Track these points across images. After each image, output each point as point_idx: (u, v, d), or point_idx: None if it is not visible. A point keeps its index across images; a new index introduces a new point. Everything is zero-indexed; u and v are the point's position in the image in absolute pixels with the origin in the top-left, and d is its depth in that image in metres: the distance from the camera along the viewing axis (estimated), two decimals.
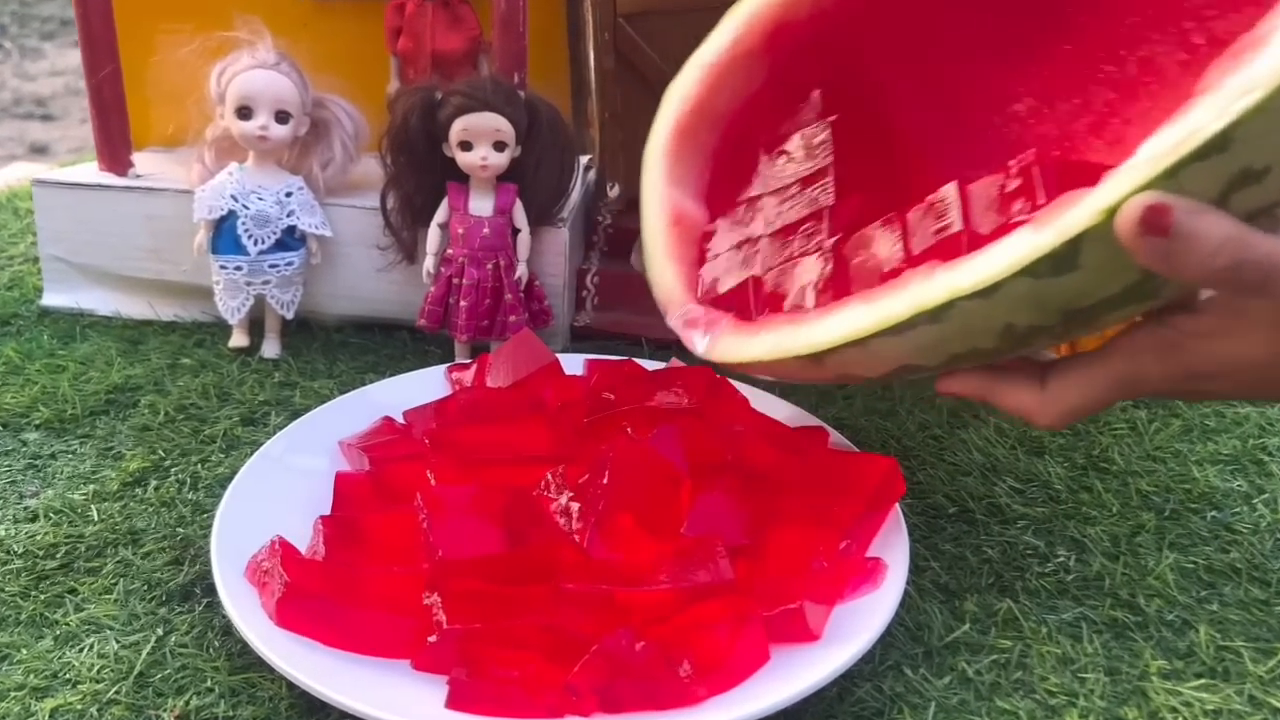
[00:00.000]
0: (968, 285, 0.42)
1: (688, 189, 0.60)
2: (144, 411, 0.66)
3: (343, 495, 0.54)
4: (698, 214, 0.60)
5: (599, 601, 0.46)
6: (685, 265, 0.59)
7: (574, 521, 0.51)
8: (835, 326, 0.47)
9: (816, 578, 0.49)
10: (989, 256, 0.42)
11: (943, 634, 0.49)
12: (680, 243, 0.59)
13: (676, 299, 0.57)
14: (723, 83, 0.60)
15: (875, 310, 0.45)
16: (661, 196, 0.59)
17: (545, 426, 0.59)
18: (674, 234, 0.59)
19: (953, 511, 0.58)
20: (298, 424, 0.61)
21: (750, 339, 0.52)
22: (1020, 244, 0.40)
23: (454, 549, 0.48)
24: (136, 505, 0.57)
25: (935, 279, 0.43)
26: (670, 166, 0.60)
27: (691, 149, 0.60)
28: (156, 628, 0.49)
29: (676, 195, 0.59)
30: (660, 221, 0.59)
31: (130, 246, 0.77)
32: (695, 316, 0.56)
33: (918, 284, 0.44)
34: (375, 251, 0.73)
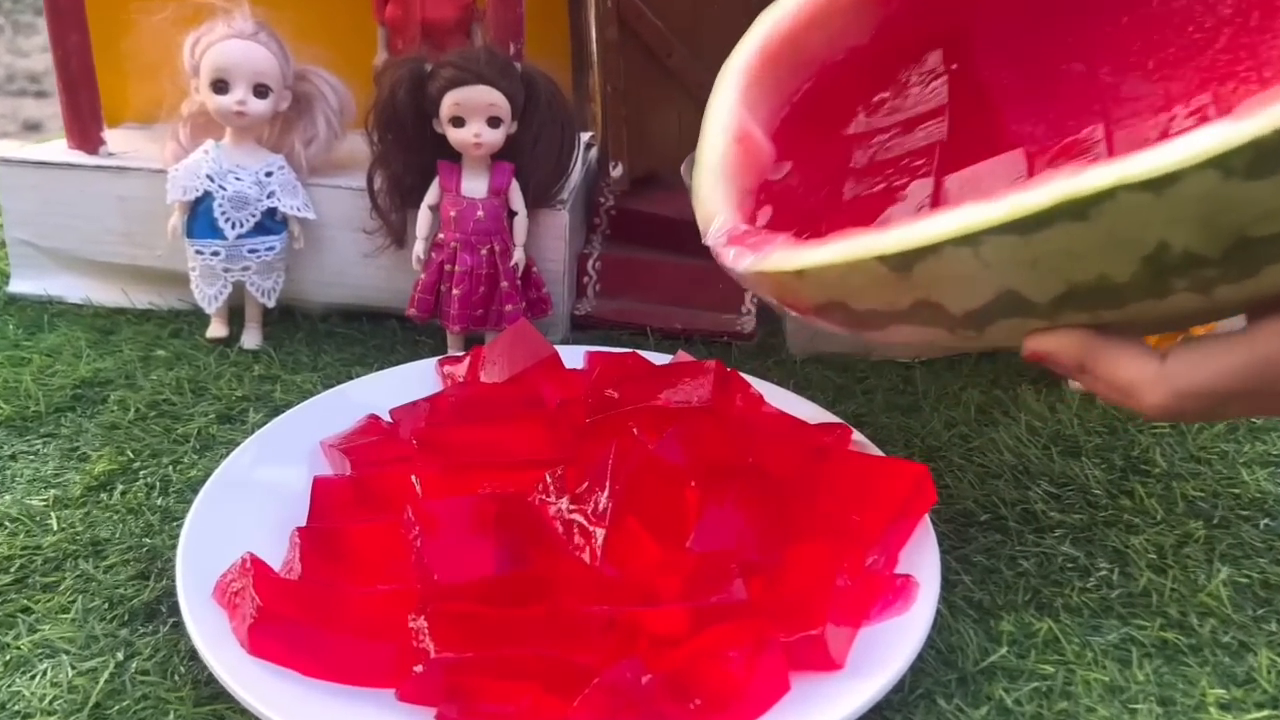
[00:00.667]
0: (1139, 172, 0.33)
1: (760, 117, 0.54)
2: (113, 408, 0.61)
3: (322, 503, 0.50)
4: (766, 146, 0.54)
5: (603, 625, 0.42)
6: (738, 189, 0.52)
7: (575, 534, 0.47)
8: (942, 222, 0.37)
9: (840, 597, 0.44)
10: (1169, 147, 0.33)
11: (978, 658, 0.45)
12: (740, 164, 0.52)
13: (723, 214, 0.50)
14: (823, 20, 0.54)
15: (1002, 205, 0.36)
16: (731, 111, 0.53)
17: (543, 427, 0.55)
18: (736, 151, 0.52)
19: (984, 519, 0.54)
20: (277, 423, 0.56)
21: (813, 247, 0.43)
22: (1214, 133, 0.32)
23: (444, 567, 0.44)
24: (100, 512, 0.53)
25: (1089, 172, 0.35)
26: (747, 87, 0.54)
27: (773, 82, 0.55)
28: (116, 651, 0.45)
29: (748, 118, 0.53)
30: (725, 136, 0.52)
31: (101, 229, 0.72)
32: (740, 233, 0.48)
33: (1064, 177, 0.35)
34: (362, 235, 0.69)
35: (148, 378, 0.65)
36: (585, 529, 0.47)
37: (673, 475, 0.49)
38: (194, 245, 0.67)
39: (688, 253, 0.74)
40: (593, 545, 0.46)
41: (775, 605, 0.44)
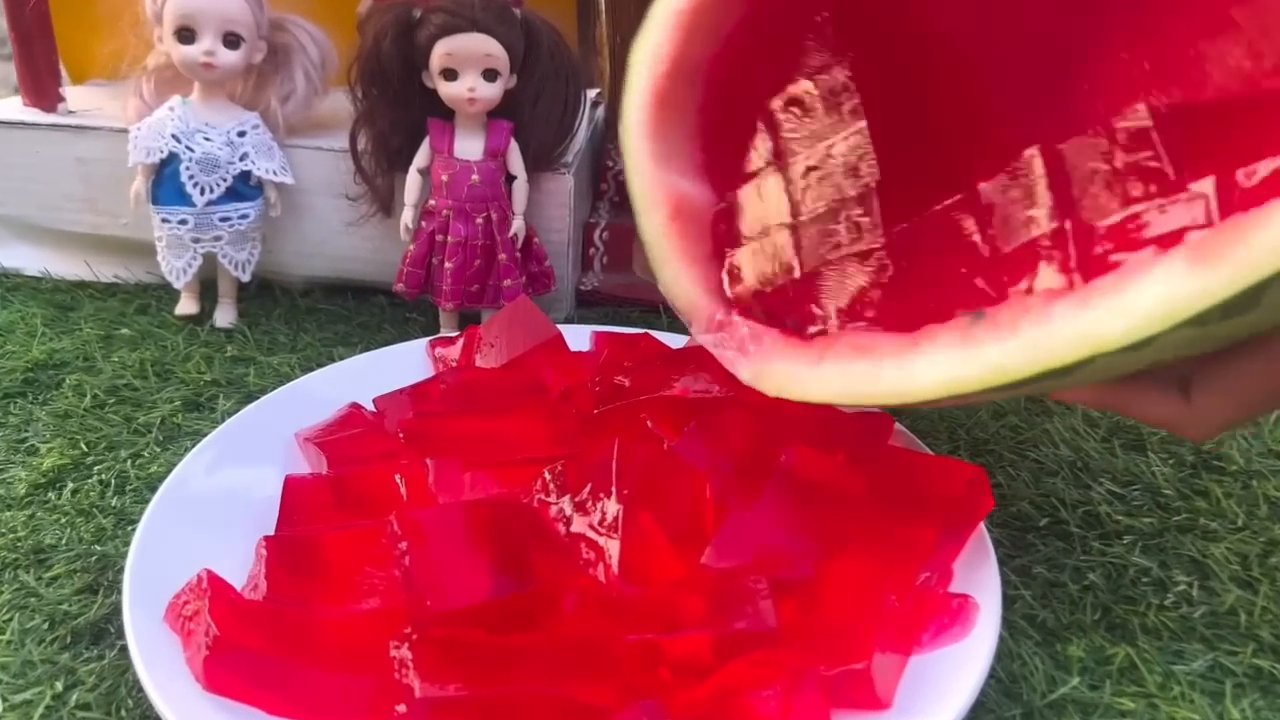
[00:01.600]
0: (1113, 340, 0.32)
1: (681, 166, 0.47)
2: (68, 394, 0.55)
3: (293, 506, 0.44)
4: (700, 195, 0.47)
5: (618, 656, 0.36)
6: (701, 264, 0.46)
7: (583, 546, 0.41)
8: (927, 376, 0.37)
9: (887, 621, 0.38)
10: (1135, 297, 0.32)
11: (1045, 689, 0.39)
12: (688, 237, 0.46)
13: (701, 309, 0.46)
14: (698, 26, 0.46)
15: (981, 361, 0.35)
16: (653, 184, 0.47)
17: (545, 418, 0.49)
18: (677, 229, 0.46)
19: (1043, 524, 0.48)
20: (248, 412, 0.50)
21: (811, 370, 0.41)
22: (1178, 286, 0.31)
23: (433, 586, 0.38)
24: (46, 514, 0.47)
25: (1058, 321, 0.34)
26: (654, 146, 0.47)
27: (675, 117, 0.47)
28: (55, 680, 0.39)
29: (670, 179, 0.47)
30: (658, 216, 0.46)
31: (60, 195, 0.66)
32: (729, 333, 0.44)
33: (1035, 327, 0.35)
34: (345, 202, 0.63)
35: (108, 360, 0.58)
36: (594, 541, 0.41)
37: (693, 476, 0.43)
38: (159, 213, 0.61)
39: None
40: (606, 560, 0.40)
41: (813, 631, 0.38)
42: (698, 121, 0.47)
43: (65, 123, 0.65)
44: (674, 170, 0.47)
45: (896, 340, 0.39)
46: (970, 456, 0.52)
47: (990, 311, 0.36)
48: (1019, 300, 0.36)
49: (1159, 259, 0.32)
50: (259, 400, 0.51)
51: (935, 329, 0.37)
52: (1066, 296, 0.34)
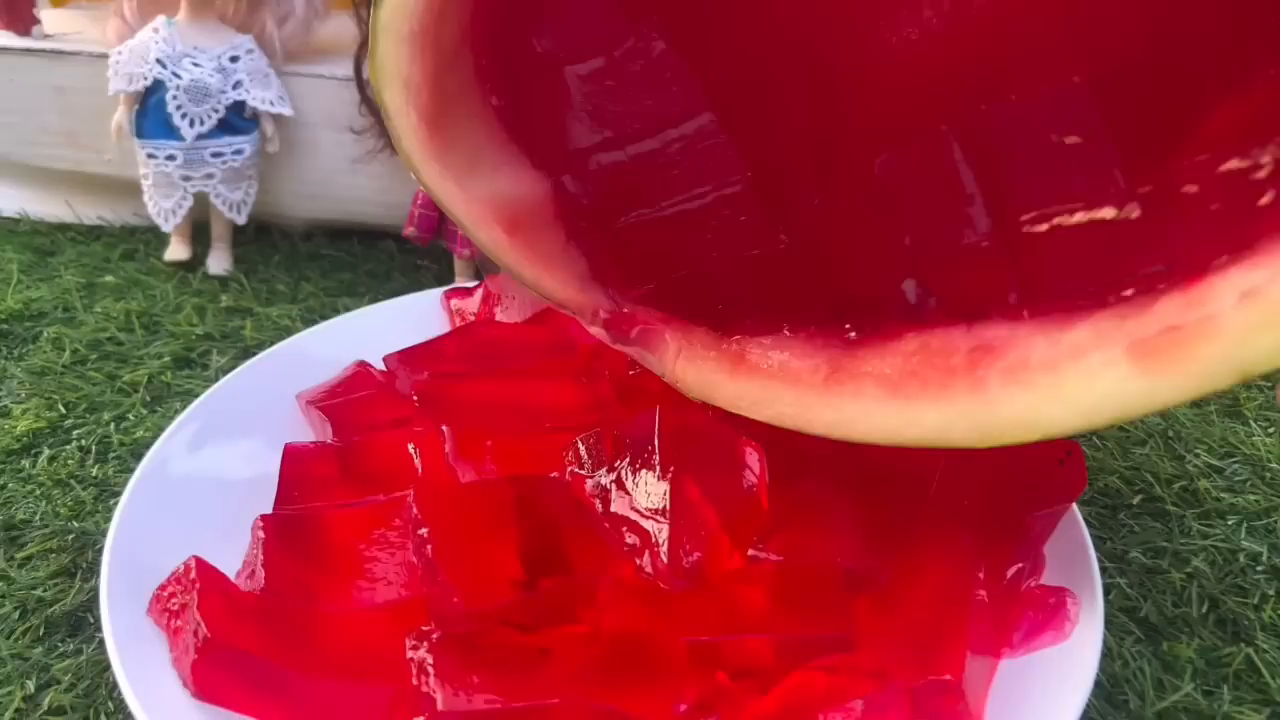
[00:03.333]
0: (1057, 428, 0.30)
1: (487, 167, 0.39)
2: (45, 348, 0.50)
3: (294, 479, 0.39)
4: (525, 187, 0.40)
5: (670, 661, 0.31)
6: (559, 258, 0.40)
7: (626, 531, 0.36)
8: (861, 427, 0.34)
9: (976, 621, 0.33)
10: (1077, 389, 0.30)
11: (1155, 697, 0.35)
12: (534, 240, 0.40)
13: (580, 305, 0.40)
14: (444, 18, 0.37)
15: (918, 423, 0.33)
16: (468, 204, 0.39)
17: (575, 380, 0.43)
18: (519, 241, 0.40)
19: (1136, 501, 0.43)
20: (244, 370, 0.45)
21: (730, 382, 0.37)
22: (1124, 387, 0.29)
23: (462, 580, 0.33)
24: (19, 485, 0.42)
25: (995, 396, 0.31)
26: (446, 161, 0.39)
27: (456, 120, 0.39)
28: (27, 678, 0.34)
29: (484, 190, 0.39)
30: (493, 233, 0.39)
31: (37, 128, 0.60)
32: (622, 326, 0.39)
33: (970, 398, 0.32)
34: (349, 136, 0.57)
35: (90, 310, 0.53)
36: (637, 524, 0.35)
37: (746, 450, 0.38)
38: (145, 147, 0.55)
39: None
40: (652, 547, 0.35)
41: (890, 634, 0.33)
42: (483, 109, 0.39)
43: (41, 47, 0.59)
44: (484, 175, 0.39)
45: (815, 370, 0.35)
46: None
47: (909, 351, 0.33)
48: (939, 346, 0.33)
49: (1096, 341, 0.29)
50: (256, 357, 0.46)
51: (852, 364, 0.34)
52: (994, 361, 0.32)
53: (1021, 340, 0.31)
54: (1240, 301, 0.26)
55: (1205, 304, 0.27)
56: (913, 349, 0.33)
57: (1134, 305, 0.29)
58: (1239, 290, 0.26)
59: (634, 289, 0.39)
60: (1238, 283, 0.26)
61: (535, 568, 0.34)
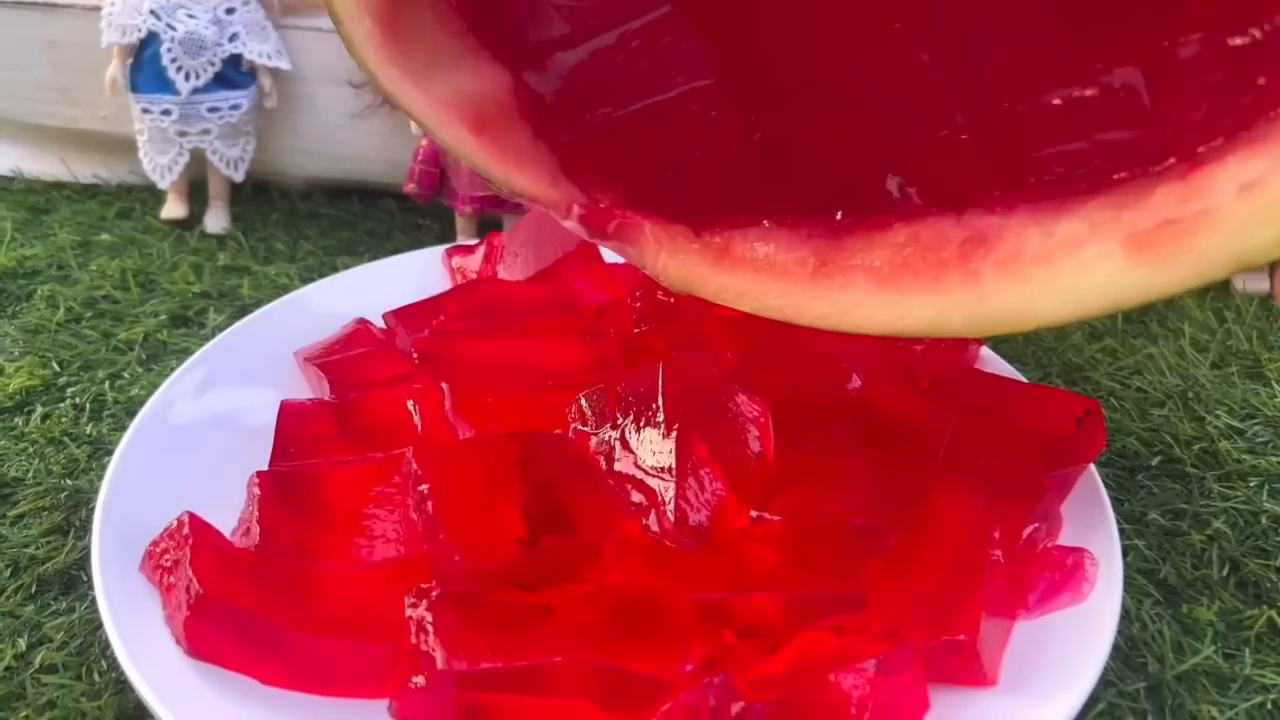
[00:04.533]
0: (1051, 319, 0.30)
1: (447, 62, 0.37)
2: (39, 306, 0.49)
3: (290, 435, 0.38)
4: (486, 81, 0.38)
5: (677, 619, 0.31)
6: (529, 155, 0.38)
7: (630, 487, 0.35)
8: (852, 319, 0.33)
9: (991, 580, 0.32)
10: (1072, 279, 0.29)
11: (1174, 660, 0.34)
12: (501, 138, 0.38)
13: (554, 201, 0.38)
14: None
15: (910, 314, 0.32)
16: (429, 106, 0.37)
17: (579, 338, 0.42)
18: (487, 139, 0.38)
19: (1154, 463, 0.42)
20: (240, 327, 0.44)
21: (714, 275, 0.36)
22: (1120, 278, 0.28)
23: (464, 538, 0.32)
24: (12, 443, 0.41)
25: (988, 288, 0.31)
26: (403, 61, 0.37)
27: (410, 18, 0.37)
28: (18, 636, 0.34)
29: (445, 88, 0.37)
30: (457, 134, 0.38)
31: (31, 83, 0.59)
32: (599, 220, 0.38)
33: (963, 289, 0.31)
34: (348, 90, 0.55)
35: (85, 269, 0.52)
36: (642, 482, 0.35)
37: (753, 407, 0.37)
38: (139, 102, 0.54)
39: None
40: (659, 504, 0.34)
41: (902, 593, 0.32)
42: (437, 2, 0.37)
43: (33, 0, 0.58)
44: (443, 74, 0.37)
45: (802, 262, 0.34)
46: (1064, 385, 0.46)
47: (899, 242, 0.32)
48: (930, 238, 0.32)
49: (1091, 235, 0.29)
50: (253, 314, 0.45)
51: (840, 256, 0.33)
52: (987, 253, 0.31)
53: (1014, 232, 0.30)
54: (1240, 193, 0.25)
55: (1204, 196, 0.26)
56: (902, 240, 0.32)
57: (1130, 194, 0.28)
58: (1239, 182, 0.25)
59: (606, 187, 0.38)
60: (1237, 174, 0.25)
61: (538, 526, 0.33)
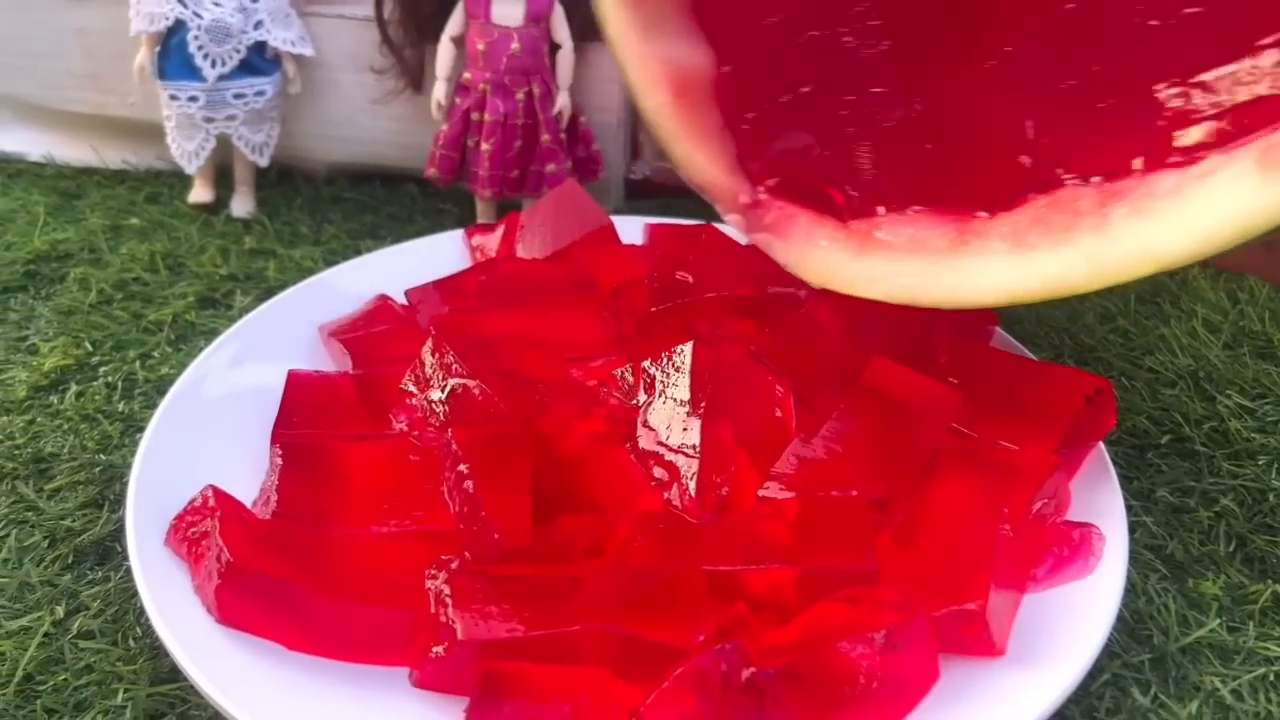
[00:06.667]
0: (1175, 258, 0.30)
1: (670, 29, 0.41)
2: (72, 288, 0.50)
3: (295, 405, 0.39)
4: (698, 60, 0.42)
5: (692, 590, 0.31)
6: (713, 138, 0.42)
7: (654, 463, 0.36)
8: (981, 284, 0.35)
9: (1001, 553, 0.33)
10: (1198, 211, 0.29)
11: (1179, 632, 0.34)
12: (694, 112, 0.42)
13: (722, 187, 0.42)
14: None
15: (1037, 271, 0.33)
16: (643, 60, 0.41)
17: (596, 315, 0.43)
18: (681, 107, 0.41)
19: (1164, 441, 0.42)
20: (268, 307, 0.45)
21: (853, 261, 0.38)
22: (1248, 200, 0.28)
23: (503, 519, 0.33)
24: (48, 420, 0.43)
25: (1116, 232, 0.31)
26: (634, 14, 0.42)
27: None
28: (56, 604, 0.35)
29: (661, 50, 0.41)
30: (658, 96, 0.41)
31: (61, 71, 0.60)
32: (759, 213, 0.41)
33: (1091, 237, 0.32)
34: (370, 77, 0.56)
35: (116, 252, 0.53)
36: (664, 458, 0.35)
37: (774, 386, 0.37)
38: (167, 89, 0.55)
39: None
40: (681, 481, 0.34)
41: (913, 566, 0.33)
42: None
43: None
44: (663, 38, 0.41)
45: (943, 234, 0.36)
46: (1076, 364, 0.46)
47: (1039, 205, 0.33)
48: (1069, 197, 0.33)
49: (1226, 161, 0.29)
50: (279, 295, 0.46)
51: (982, 227, 0.34)
52: (1122, 200, 0.31)
53: (1152, 181, 0.31)
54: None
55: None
56: (1043, 203, 0.34)
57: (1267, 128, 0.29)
58: None
59: (773, 181, 0.41)
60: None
61: (560, 502, 0.34)
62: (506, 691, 0.30)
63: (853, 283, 0.38)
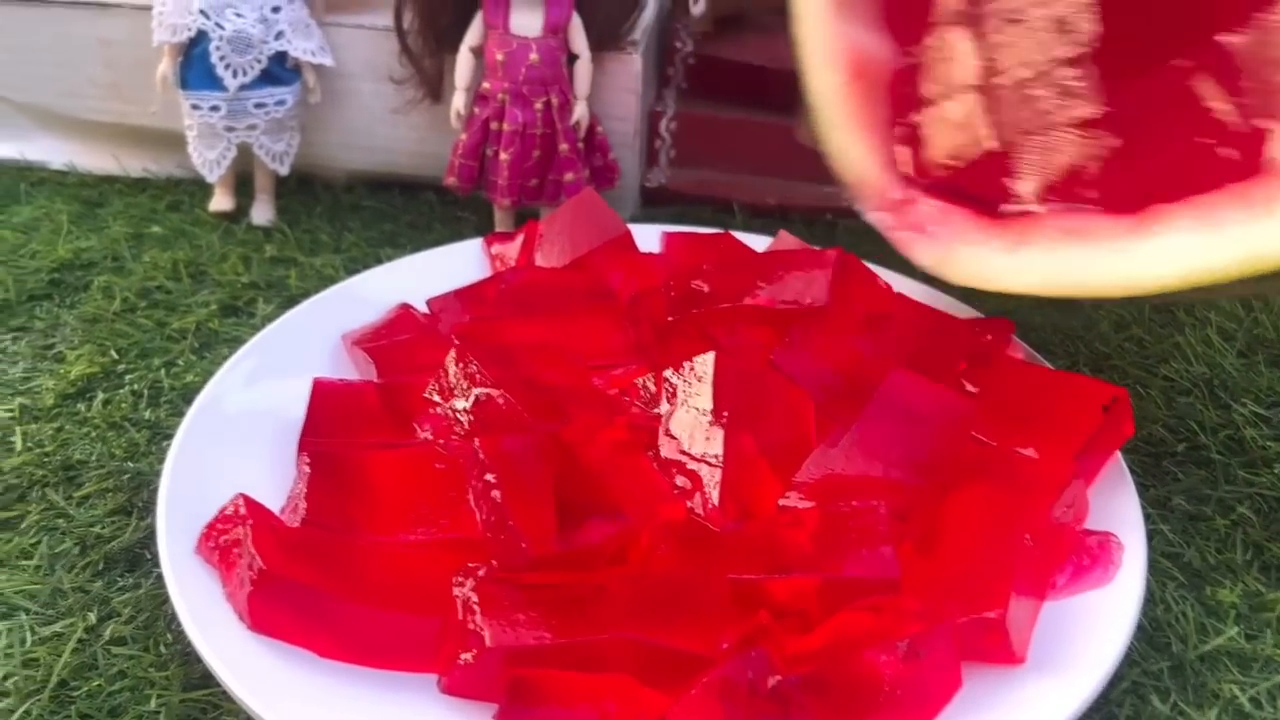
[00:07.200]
0: None
1: (862, 15, 0.42)
2: (96, 296, 0.51)
3: (322, 413, 0.39)
4: (881, 51, 0.42)
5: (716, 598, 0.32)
6: (877, 132, 0.42)
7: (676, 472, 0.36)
8: (1162, 263, 0.32)
9: (1020, 563, 0.33)
10: None
11: (1198, 641, 0.35)
12: (866, 100, 0.42)
13: (873, 182, 0.41)
14: None
15: (1230, 245, 0.31)
16: (831, 36, 0.41)
17: (615, 324, 0.44)
18: (856, 91, 0.41)
19: (1180, 449, 0.42)
20: (291, 316, 0.46)
21: (1007, 257, 0.36)
22: None
23: (530, 527, 0.33)
24: (75, 427, 0.43)
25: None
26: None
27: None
28: (88, 610, 0.35)
29: (851, 31, 0.41)
30: (835, 75, 0.41)
31: (83, 80, 0.61)
32: (906, 211, 0.40)
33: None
34: (390, 86, 0.57)
35: (139, 260, 0.54)
36: (686, 466, 0.36)
37: (795, 395, 0.38)
38: (189, 98, 0.55)
39: (781, 110, 0.61)
40: (704, 490, 0.35)
41: (933, 575, 0.33)
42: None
43: (86, 0, 0.59)
44: (855, 20, 0.41)
45: (1117, 222, 0.34)
46: (1091, 372, 0.46)
47: (1235, 188, 0.31)
48: (1273, 172, 0.31)
49: None
50: (302, 304, 0.47)
51: (1165, 208, 0.32)
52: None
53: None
54: None
55: None
56: (1239, 186, 0.32)
57: None
58: None
59: (927, 180, 0.41)
60: None
61: (583, 510, 0.35)
62: (534, 698, 0.30)
63: (1003, 276, 0.37)
